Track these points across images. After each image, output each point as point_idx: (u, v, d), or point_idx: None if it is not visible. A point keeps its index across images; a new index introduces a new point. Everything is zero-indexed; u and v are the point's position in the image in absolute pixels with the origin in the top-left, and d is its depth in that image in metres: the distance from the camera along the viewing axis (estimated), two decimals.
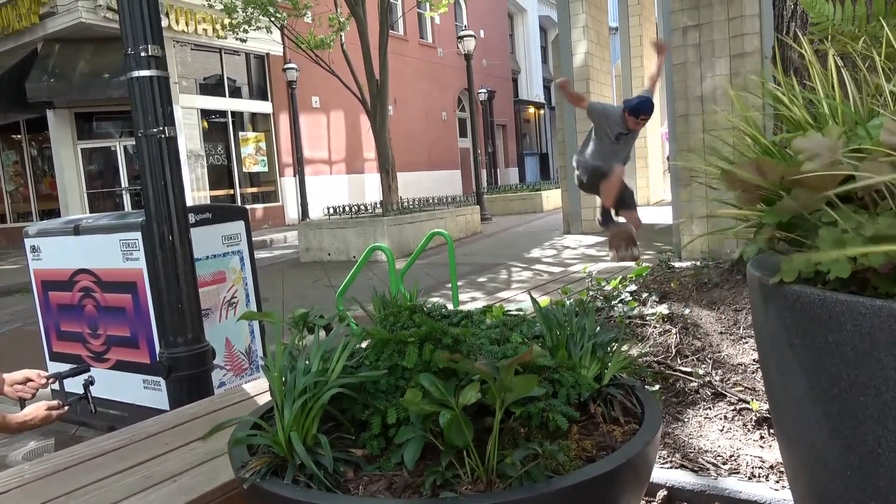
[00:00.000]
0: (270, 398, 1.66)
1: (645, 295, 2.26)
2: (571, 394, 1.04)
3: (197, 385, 2.29)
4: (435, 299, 4.31)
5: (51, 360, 3.17)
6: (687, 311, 2.05)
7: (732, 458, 1.39)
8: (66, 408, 1.96)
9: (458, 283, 4.39)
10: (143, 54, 2.26)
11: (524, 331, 1.23)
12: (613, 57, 10.37)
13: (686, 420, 1.55)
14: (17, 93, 11.93)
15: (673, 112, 6.22)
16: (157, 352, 2.53)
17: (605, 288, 2.44)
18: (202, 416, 1.77)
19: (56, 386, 2.02)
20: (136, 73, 2.27)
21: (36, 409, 1.91)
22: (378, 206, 10.85)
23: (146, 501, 1.27)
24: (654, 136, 11.78)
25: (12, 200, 15.10)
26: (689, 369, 1.73)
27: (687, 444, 1.45)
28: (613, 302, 2.25)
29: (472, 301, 4.56)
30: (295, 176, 15.30)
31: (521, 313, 1.33)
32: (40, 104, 12.30)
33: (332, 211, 10.35)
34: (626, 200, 4.86)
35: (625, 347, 1.17)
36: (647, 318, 2.03)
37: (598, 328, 1.19)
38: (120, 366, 2.85)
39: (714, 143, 5.92)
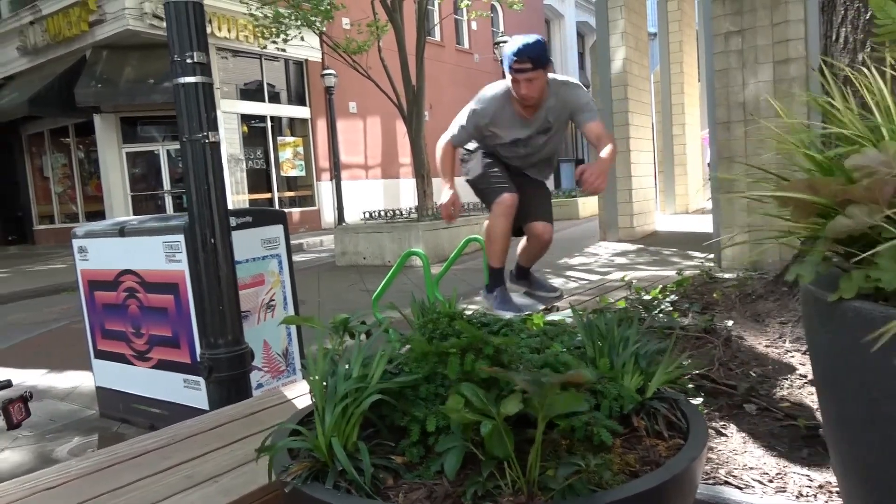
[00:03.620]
0: (309, 401, 1.68)
1: (686, 305, 2.22)
2: (614, 406, 1.03)
3: (236, 386, 2.33)
4: (472, 306, 4.30)
5: (95, 357, 3.25)
6: (730, 322, 2.00)
7: (779, 476, 1.35)
8: None
9: None
10: (188, 61, 2.31)
11: (565, 341, 1.21)
12: (652, 63, 10.23)
13: (730, 435, 1.51)
14: (67, 98, 12.36)
15: (714, 119, 6.11)
16: (198, 352, 2.57)
17: (645, 297, 2.40)
18: (242, 418, 1.79)
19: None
20: (181, 80, 2.32)
21: None
22: (413, 211, 10.90)
23: (187, 501, 1.29)
24: (693, 141, 11.59)
25: (60, 202, 15.60)
26: (732, 383, 1.68)
27: (731, 460, 1.41)
28: (653, 311, 2.21)
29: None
30: (331, 180, 15.48)
31: (562, 322, 1.32)
32: (88, 109, 12.71)
33: (367, 215, 10.43)
34: (530, 213, 3.10)
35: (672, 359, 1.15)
36: (689, 329, 1.99)
37: (641, 339, 1.17)
38: (161, 365, 2.91)
39: (757, 150, 5.81)
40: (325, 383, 1.04)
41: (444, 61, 19.67)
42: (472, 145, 3.27)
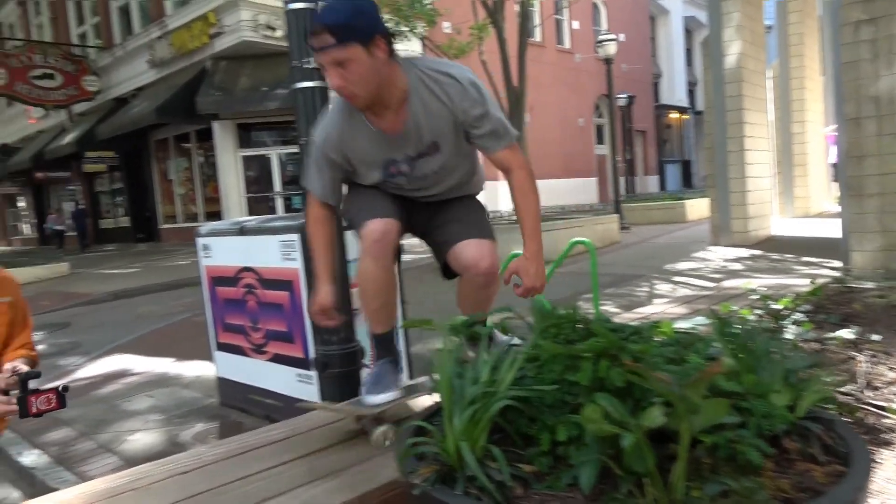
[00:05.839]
0: (422, 401, 1.68)
1: (822, 317, 2.04)
2: (763, 425, 0.94)
3: (348, 382, 2.38)
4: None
5: (217, 349, 3.44)
6: (875, 336, 1.83)
7: None
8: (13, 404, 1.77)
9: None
10: (306, 66, 2.39)
11: (701, 350, 1.13)
12: (770, 57, 9.63)
13: (882, 461, 1.37)
14: (189, 106, 13.25)
15: (842, 115, 5.66)
16: (311, 348, 2.66)
17: (773, 306, 2.24)
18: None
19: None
20: (300, 84, 2.40)
21: None
22: (513, 213, 10.82)
23: (310, 494, 1.32)
24: (815, 139, 10.79)
25: (182, 203, 16.77)
26: (882, 403, 1.53)
27: (885, 489, 1.28)
28: (783, 322, 2.05)
29: (612, 315, 4.40)
30: None
31: (695, 331, 1.24)
32: (207, 116, 13.56)
33: None
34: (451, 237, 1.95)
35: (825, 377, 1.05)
36: (826, 342, 1.83)
37: (790, 352, 1.08)
38: (277, 359, 3.04)
39: (893, 147, 5.32)
40: (451, 386, 1.03)
41: (544, 62, 19.43)
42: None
